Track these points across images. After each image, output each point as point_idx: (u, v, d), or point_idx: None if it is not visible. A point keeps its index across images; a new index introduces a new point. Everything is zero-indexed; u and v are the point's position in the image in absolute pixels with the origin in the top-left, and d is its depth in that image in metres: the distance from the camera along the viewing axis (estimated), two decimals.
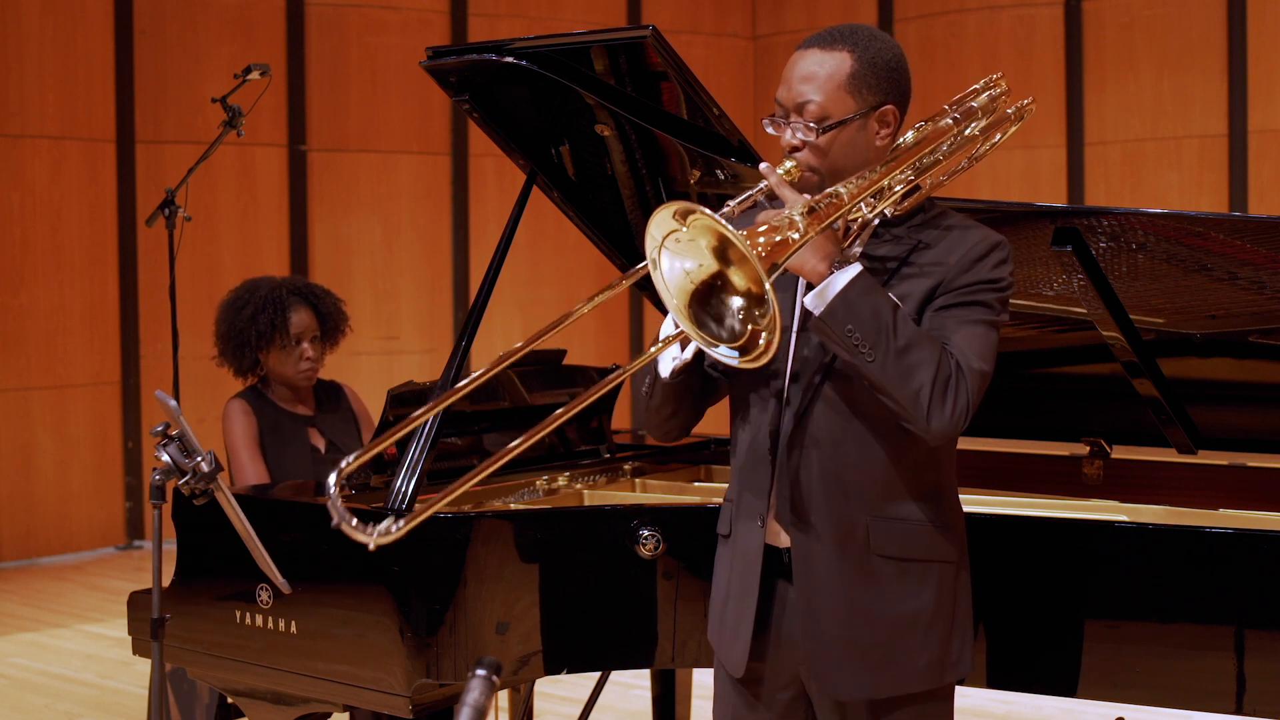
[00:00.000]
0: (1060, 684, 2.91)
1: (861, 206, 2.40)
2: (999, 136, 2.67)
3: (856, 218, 2.41)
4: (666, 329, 2.45)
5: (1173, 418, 3.37)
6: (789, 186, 2.34)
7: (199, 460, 2.96)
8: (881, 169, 2.39)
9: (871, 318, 2.29)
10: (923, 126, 2.53)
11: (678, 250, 2.22)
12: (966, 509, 2.60)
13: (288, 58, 8.75)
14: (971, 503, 3.14)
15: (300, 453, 3.98)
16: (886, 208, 2.43)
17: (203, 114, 8.12)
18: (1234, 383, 3.42)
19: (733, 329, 2.23)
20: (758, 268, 2.13)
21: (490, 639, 2.98)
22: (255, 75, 5.34)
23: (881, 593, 2.45)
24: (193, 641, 3.37)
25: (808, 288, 2.37)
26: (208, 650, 3.34)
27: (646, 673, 4.33)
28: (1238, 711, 2.78)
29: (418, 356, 9.03)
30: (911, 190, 2.50)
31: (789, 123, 2.44)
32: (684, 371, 2.48)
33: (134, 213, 8.29)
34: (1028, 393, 3.66)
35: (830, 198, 2.30)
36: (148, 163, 8.33)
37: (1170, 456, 3.51)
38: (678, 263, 2.23)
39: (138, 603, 3.66)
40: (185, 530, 3.41)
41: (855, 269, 2.32)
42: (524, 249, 8.97)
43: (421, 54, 3.41)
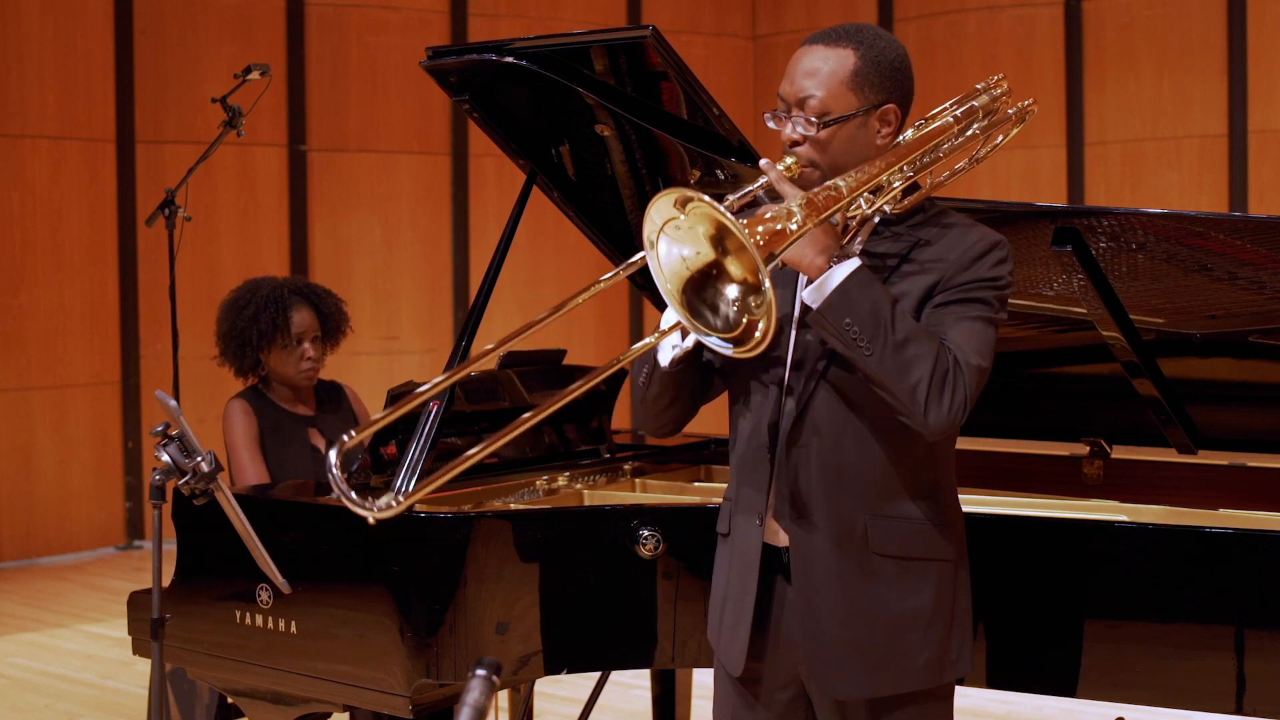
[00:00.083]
0: (1060, 684, 2.91)
1: (861, 202, 2.40)
2: (1001, 138, 2.67)
3: (855, 215, 2.41)
4: (668, 319, 2.45)
5: (1173, 418, 3.37)
6: (789, 182, 2.34)
7: (199, 460, 2.96)
8: (881, 163, 2.39)
9: (869, 312, 2.29)
10: (923, 124, 2.53)
11: (676, 237, 2.22)
12: (966, 509, 2.60)
13: (288, 58, 8.75)
14: (971, 503, 3.14)
15: (301, 453, 3.98)
16: (885, 204, 2.43)
17: (203, 114, 8.12)
18: (1234, 383, 3.42)
19: (728, 318, 2.23)
20: (755, 256, 2.12)
21: (490, 639, 2.98)
22: (255, 75, 5.35)
23: (880, 591, 2.45)
24: (193, 641, 3.37)
25: (807, 283, 2.37)
26: (208, 650, 3.34)
27: (646, 673, 4.33)
28: (1238, 711, 2.78)
29: (418, 356, 9.03)
30: (911, 189, 2.50)
31: (790, 117, 2.44)
32: (683, 361, 2.48)
33: (134, 213, 8.29)
34: (1028, 393, 3.66)
35: (829, 190, 2.29)
36: (148, 163, 8.33)
37: (1170, 456, 3.50)
38: (676, 249, 2.23)
39: (138, 603, 3.66)
40: (185, 530, 3.41)
41: (854, 263, 2.32)
42: (524, 249, 8.96)
43: (421, 54, 3.41)
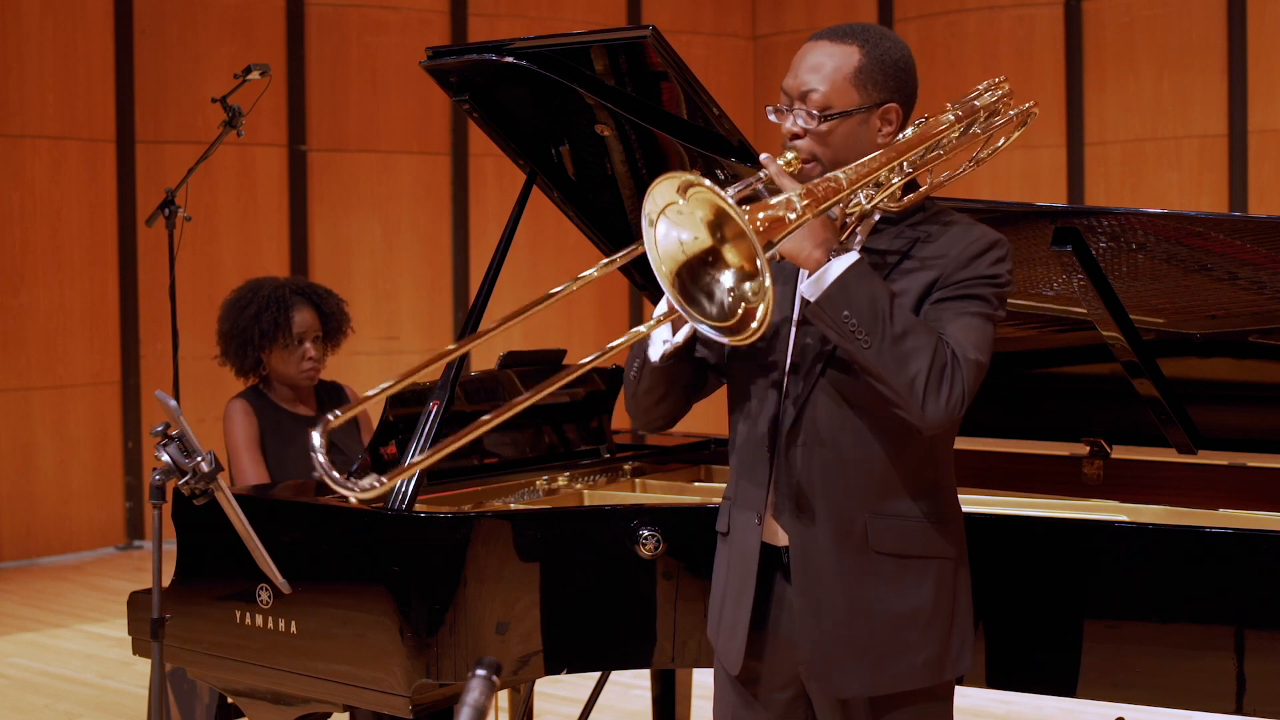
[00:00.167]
0: (1060, 684, 2.91)
1: (860, 197, 2.40)
2: (1003, 141, 2.67)
3: (854, 211, 2.41)
4: (659, 312, 2.45)
5: (1173, 418, 3.37)
6: (789, 177, 2.34)
7: (199, 460, 2.96)
8: (882, 157, 2.39)
9: (868, 304, 2.29)
10: (924, 122, 2.53)
11: (676, 220, 2.22)
12: (966, 509, 2.60)
13: (288, 58, 8.75)
14: (971, 503, 3.14)
15: (301, 453, 3.98)
16: (884, 199, 2.43)
17: (203, 114, 8.12)
18: (1234, 383, 3.42)
19: (723, 305, 2.23)
20: (754, 242, 2.12)
21: (490, 639, 2.98)
22: (255, 75, 5.35)
23: (880, 589, 2.45)
24: (193, 641, 3.37)
25: (806, 277, 2.37)
26: (208, 650, 3.34)
27: (646, 673, 4.33)
28: (1238, 711, 2.78)
29: (418, 357, 9.02)
30: (911, 188, 2.50)
31: (792, 111, 2.44)
32: (674, 356, 2.49)
33: (134, 213, 8.29)
34: (1028, 393, 3.66)
35: (829, 182, 2.30)
36: (148, 163, 8.33)
37: (1170, 456, 3.50)
38: (674, 232, 2.23)
39: (138, 603, 3.66)
40: (185, 530, 3.41)
41: (852, 256, 2.32)
42: (524, 249, 8.95)
43: (421, 54, 3.40)
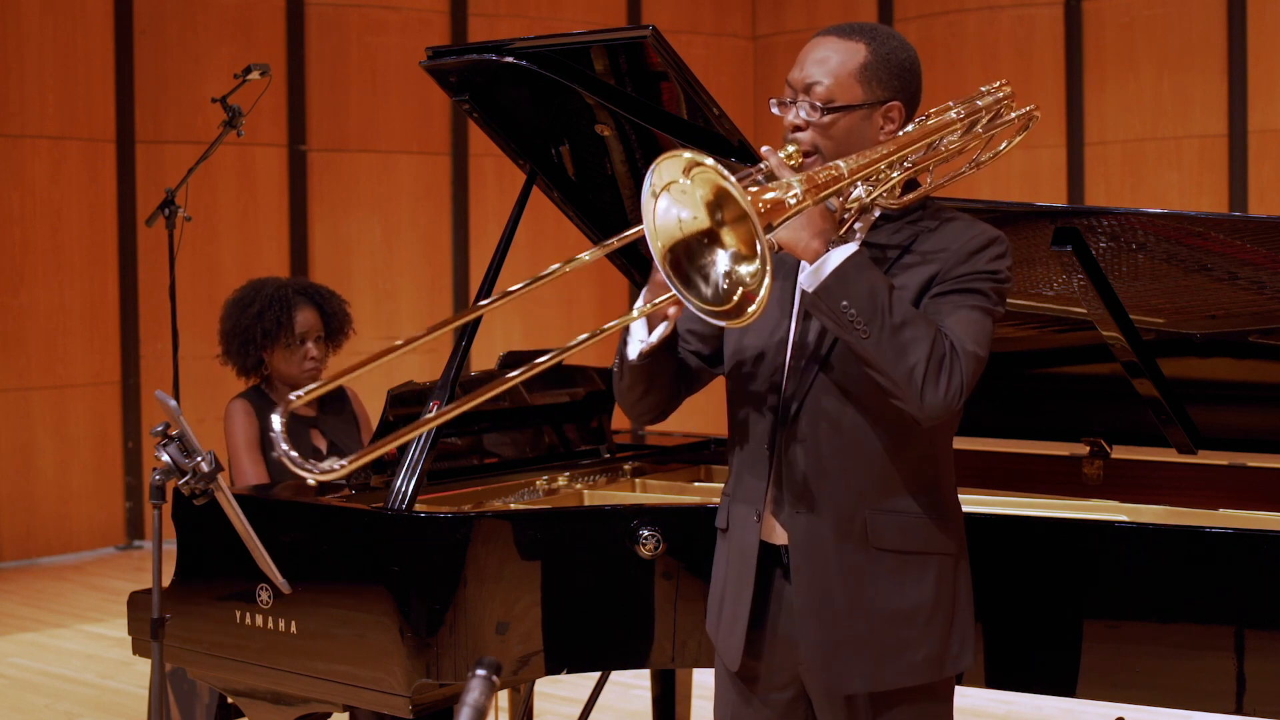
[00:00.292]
0: (1060, 684, 2.91)
1: (859, 190, 2.40)
2: (1004, 145, 2.67)
3: (853, 205, 2.42)
4: (639, 306, 2.45)
5: (1173, 418, 3.37)
6: (789, 169, 2.34)
7: (199, 460, 2.96)
8: (883, 149, 2.40)
9: (867, 294, 2.29)
10: (925, 119, 2.53)
11: (679, 198, 2.22)
12: (966, 509, 2.60)
13: (288, 58, 8.75)
14: (971, 503, 3.14)
15: (301, 454, 3.96)
16: (884, 194, 2.44)
17: (203, 114, 8.12)
18: (1234, 383, 3.42)
19: (718, 287, 2.23)
20: (755, 222, 2.12)
21: (490, 639, 2.98)
22: (255, 75, 5.35)
23: (881, 585, 2.45)
24: (193, 641, 3.36)
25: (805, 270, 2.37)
26: (208, 650, 3.34)
27: (646, 673, 4.33)
28: (1238, 711, 2.78)
29: (418, 356, 9.01)
30: (911, 187, 2.51)
31: (795, 103, 2.45)
32: (651, 355, 2.49)
33: (134, 213, 8.29)
34: (1028, 393, 3.66)
35: (830, 170, 2.30)
36: (148, 163, 8.33)
37: (1170, 456, 3.50)
38: (674, 209, 2.23)
39: (138, 603, 3.66)
40: (185, 530, 3.41)
41: (852, 247, 2.32)
42: (524, 249, 8.91)
43: (421, 54, 3.40)
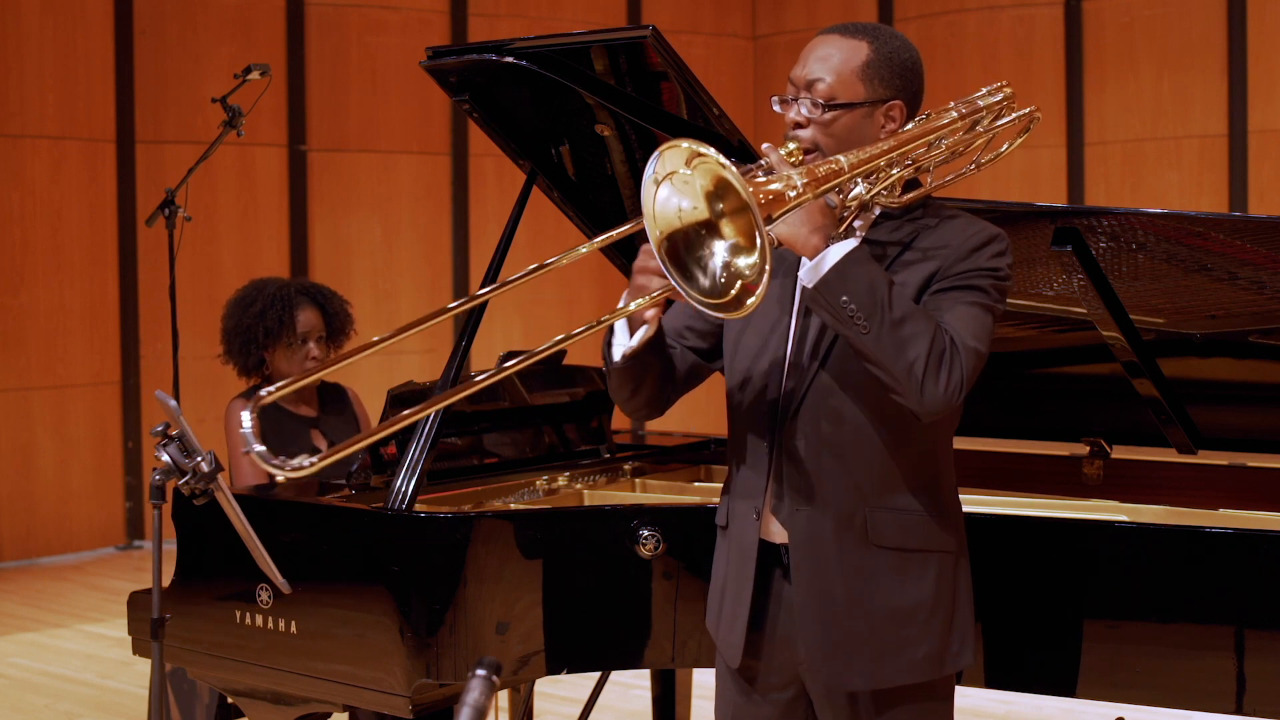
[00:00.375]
0: (1060, 684, 2.91)
1: (859, 186, 2.40)
2: (1005, 146, 2.67)
3: (852, 203, 2.42)
4: (621, 303, 2.45)
5: (1173, 418, 3.37)
6: (790, 166, 2.34)
7: (199, 460, 2.95)
8: (884, 146, 2.40)
9: (866, 289, 2.29)
10: (926, 118, 2.53)
11: (680, 188, 2.22)
12: (966, 509, 2.60)
13: (288, 58, 8.75)
14: (971, 503, 3.14)
15: (302, 454, 3.97)
16: (883, 191, 2.44)
17: (203, 114, 8.12)
18: (1234, 383, 3.42)
19: (716, 279, 2.22)
20: (755, 213, 2.12)
21: (490, 639, 2.98)
22: (255, 75, 5.35)
23: (881, 583, 2.45)
24: (193, 641, 3.36)
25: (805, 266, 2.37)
26: (208, 650, 3.34)
27: (646, 673, 4.33)
28: (1238, 711, 2.78)
29: (418, 357, 9.02)
30: (912, 187, 2.51)
31: (797, 100, 2.45)
32: (633, 358, 2.49)
33: (134, 213, 8.29)
34: (1028, 393, 3.66)
35: (830, 164, 2.31)
36: (148, 163, 8.33)
37: (1170, 456, 3.50)
38: (675, 199, 2.23)
39: (138, 603, 3.66)
40: (185, 530, 3.41)
41: (852, 243, 2.33)
42: (524, 249, 8.90)
43: (421, 54, 3.41)
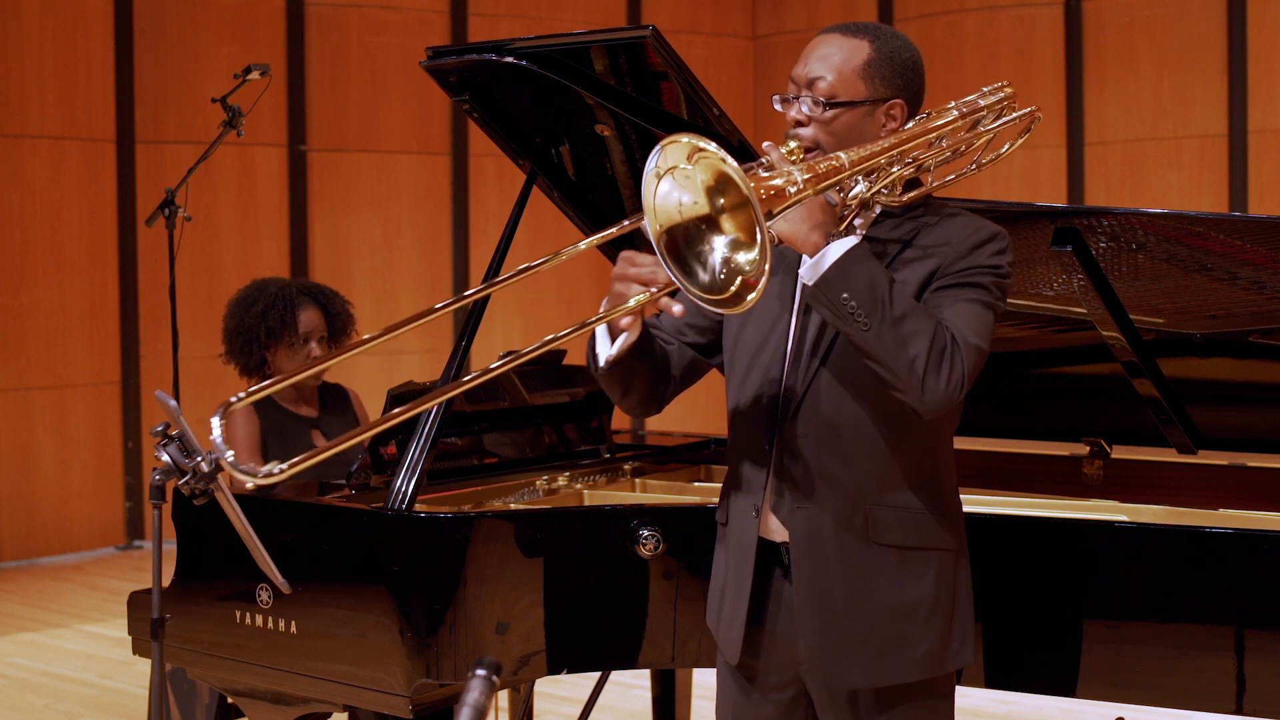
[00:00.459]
0: (1060, 684, 2.91)
1: (860, 184, 2.40)
2: (1006, 147, 2.67)
3: (853, 201, 2.42)
4: (603, 307, 2.45)
5: (1173, 418, 3.37)
6: (790, 164, 2.34)
7: (199, 460, 2.96)
8: (885, 144, 2.40)
9: (867, 286, 2.29)
10: (927, 117, 2.53)
11: (681, 182, 2.22)
12: (966, 509, 2.60)
13: (288, 58, 8.75)
14: (971, 503, 3.14)
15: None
16: (883, 189, 2.44)
17: (203, 114, 8.12)
18: (1234, 383, 3.42)
19: (715, 274, 2.22)
20: (755, 208, 2.12)
21: (490, 639, 2.98)
22: (255, 75, 5.35)
23: (881, 581, 2.45)
24: (193, 641, 3.37)
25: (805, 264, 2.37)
26: (208, 650, 3.34)
27: (646, 673, 4.33)
28: (1238, 711, 2.78)
29: (418, 357, 9.02)
30: (913, 186, 2.51)
31: (798, 99, 2.45)
32: (617, 362, 2.49)
33: (134, 213, 8.29)
34: (1028, 393, 3.66)
35: (831, 160, 2.31)
36: (148, 163, 8.33)
37: (1170, 456, 3.50)
38: (676, 193, 2.23)
39: (138, 603, 3.66)
40: (185, 530, 3.41)
41: (852, 240, 2.33)
42: (524, 249, 8.91)
43: (421, 54, 3.40)
